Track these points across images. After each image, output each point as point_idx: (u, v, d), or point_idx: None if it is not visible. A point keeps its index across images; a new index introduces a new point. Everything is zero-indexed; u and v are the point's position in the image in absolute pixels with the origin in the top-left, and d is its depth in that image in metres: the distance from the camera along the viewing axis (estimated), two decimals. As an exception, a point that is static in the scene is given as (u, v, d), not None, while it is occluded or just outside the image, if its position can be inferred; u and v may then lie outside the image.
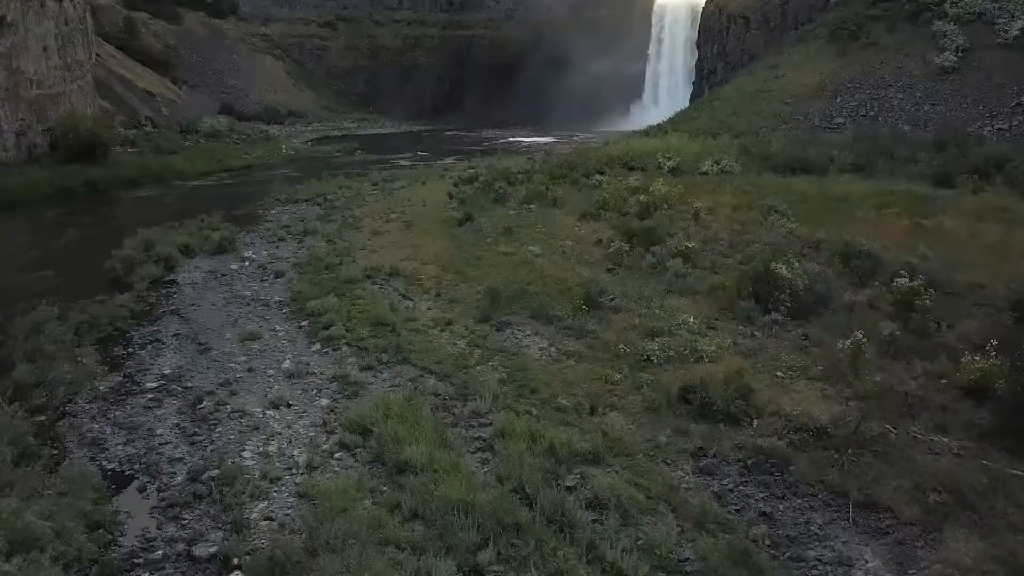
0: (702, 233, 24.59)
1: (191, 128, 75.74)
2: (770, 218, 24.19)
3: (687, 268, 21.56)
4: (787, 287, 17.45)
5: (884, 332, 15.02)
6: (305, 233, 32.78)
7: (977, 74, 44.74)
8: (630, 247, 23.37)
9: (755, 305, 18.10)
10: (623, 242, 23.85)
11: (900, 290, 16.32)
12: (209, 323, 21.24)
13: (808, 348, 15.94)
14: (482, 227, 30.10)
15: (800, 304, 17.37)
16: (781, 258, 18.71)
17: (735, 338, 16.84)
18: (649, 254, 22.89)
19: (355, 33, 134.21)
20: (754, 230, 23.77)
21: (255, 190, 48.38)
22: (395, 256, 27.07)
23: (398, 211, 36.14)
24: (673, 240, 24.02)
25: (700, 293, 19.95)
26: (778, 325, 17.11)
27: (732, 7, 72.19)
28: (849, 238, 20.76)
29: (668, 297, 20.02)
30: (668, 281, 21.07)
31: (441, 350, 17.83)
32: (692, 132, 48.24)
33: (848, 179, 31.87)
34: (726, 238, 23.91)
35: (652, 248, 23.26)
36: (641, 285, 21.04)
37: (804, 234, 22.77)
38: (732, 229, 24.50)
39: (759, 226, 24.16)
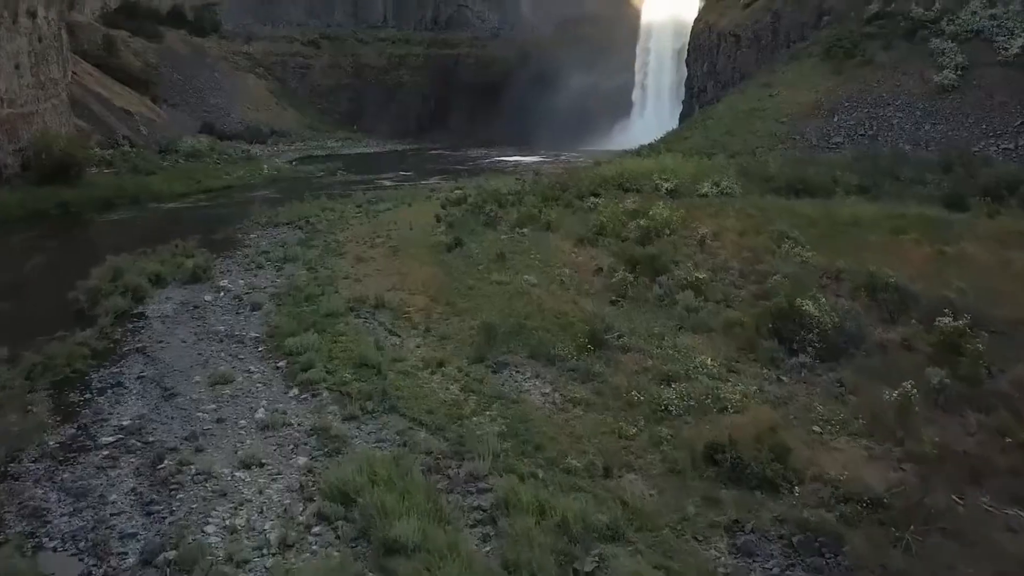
0: (709, 261, 23.02)
1: (170, 148, 73.83)
2: (783, 246, 22.57)
3: (699, 301, 19.91)
4: (815, 326, 15.83)
5: (932, 380, 13.41)
6: (285, 260, 30.98)
7: (978, 92, 43.58)
8: (634, 277, 21.69)
9: (779, 345, 16.51)
10: (626, 271, 22.20)
11: (944, 330, 14.74)
12: (177, 363, 19.40)
13: (844, 397, 14.33)
14: (473, 253, 28.43)
15: (829, 345, 15.79)
16: (806, 293, 17.08)
17: (760, 384, 15.20)
18: (656, 285, 21.28)
19: (339, 51, 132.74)
20: (766, 259, 22.21)
21: (235, 212, 46.51)
22: (381, 285, 25.33)
23: (383, 235, 34.39)
24: (679, 269, 22.45)
25: (715, 330, 18.33)
26: (807, 369, 15.50)
27: (722, 25, 71.13)
28: (874, 269, 19.21)
29: (680, 334, 18.39)
30: (679, 316, 19.44)
31: (432, 396, 16.08)
32: (685, 152, 46.80)
33: (854, 202, 30.48)
34: (736, 267, 22.33)
35: (658, 278, 21.62)
36: (649, 320, 19.40)
37: (821, 263, 21.25)
38: (742, 257, 22.93)
39: (771, 254, 22.62)
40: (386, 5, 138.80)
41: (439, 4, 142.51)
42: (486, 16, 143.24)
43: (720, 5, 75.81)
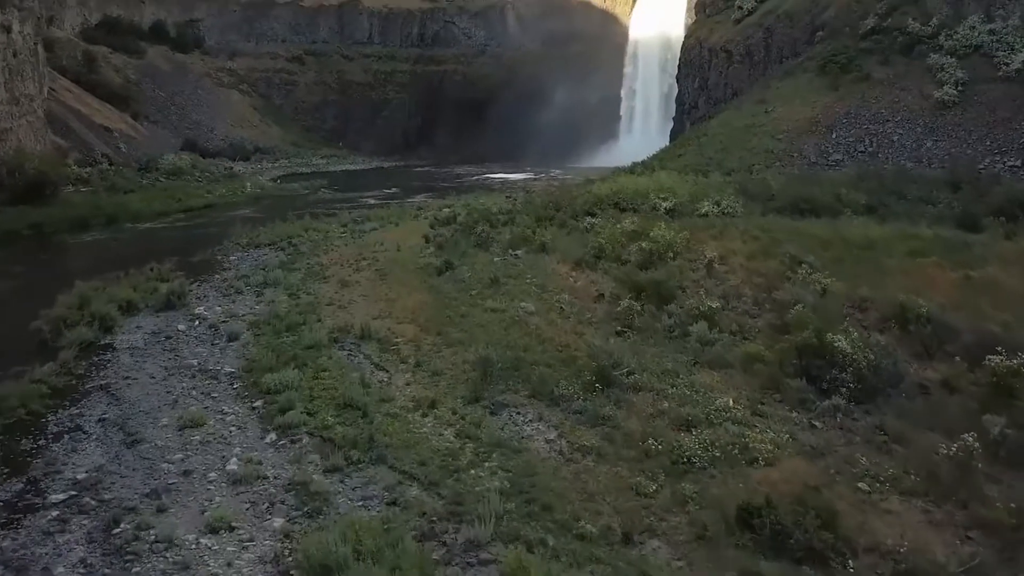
0: (719, 288, 21.54)
1: (150, 165, 72.02)
2: (799, 271, 21.11)
3: (713, 333, 18.37)
4: (848, 364, 14.33)
5: (992, 430, 11.91)
6: (265, 284, 29.31)
7: (980, 108, 42.54)
8: (640, 305, 20.16)
9: (807, 385, 14.96)
10: (631, 299, 20.68)
11: (996, 370, 13.27)
12: (144, 403, 17.71)
13: (889, 447, 12.79)
14: (464, 277, 26.89)
15: (864, 385, 14.31)
16: (835, 326, 15.58)
17: (791, 430, 13.68)
18: (664, 314, 19.74)
19: (324, 68, 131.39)
20: (782, 285, 20.72)
21: (215, 232, 44.79)
22: (367, 313, 23.75)
23: (369, 257, 32.80)
24: (688, 296, 20.96)
25: (733, 366, 16.81)
26: (841, 412, 13.99)
27: (713, 40, 70.16)
28: (904, 298, 17.72)
29: (695, 371, 16.85)
30: (692, 350, 17.91)
31: (424, 444, 14.46)
32: (680, 169, 45.50)
33: (863, 222, 29.13)
34: (749, 294, 20.86)
35: (666, 307, 20.11)
36: (660, 354, 17.89)
37: (841, 291, 19.78)
38: (753, 283, 21.47)
39: (785, 280, 21.14)
40: (372, 21, 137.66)
41: (425, 20, 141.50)
42: (473, 33, 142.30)
43: (711, 21, 74.91)
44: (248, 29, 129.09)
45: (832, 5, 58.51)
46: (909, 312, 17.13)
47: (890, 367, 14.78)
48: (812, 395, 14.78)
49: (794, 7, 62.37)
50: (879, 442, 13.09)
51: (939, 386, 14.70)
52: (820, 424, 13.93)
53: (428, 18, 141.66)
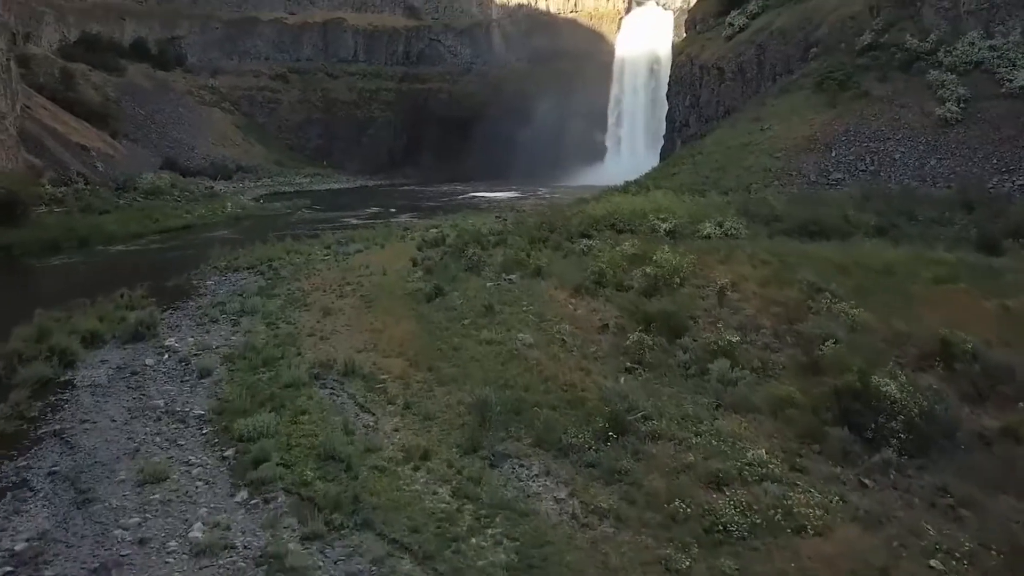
0: (734, 318, 19.87)
1: (128, 185, 70.15)
2: (823, 301, 19.47)
3: (735, 371, 16.66)
4: (898, 411, 12.67)
5: (1083, 495, 10.28)
6: (242, 312, 27.41)
7: (983, 126, 41.32)
8: (651, 338, 18.45)
9: (849, 434, 13.27)
10: (640, 330, 18.98)
11: (1075, 422, 11.66)
12: (101, 452, 15.81)
13: (957, 512, 11.10)
14: (456, 304, 25.13)
15: (916, 435, 12.62)
16: (878, 366, 13.92)
17: (840, 490, 11.94)
18: (678, 349, 18.06)
19: (308, 86, 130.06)
20: (806, 317, 19.05)
21: (192, 255, 42.88)
22: (351, 345, 21.95)
23: (354, 282, 30.97)
24: (699, 327, 19.29)
25: (760, 410, 15.09)
26: (894, 469, 12.29)
27: (704, 58, 69.06)
28: (947, 332, 16.09)
29: (719, 415, 15.13)
30: (713, 390, 16.18)
31: (417, 505, 12.66)
32: (675, 188, 44.04)
33: (876, 244, 27.65)
34: (768, 326, 19.19)
35: (678, 340, 18.42)
36: (677, 395, 16.15)
37: (870, 323, 18.14)
38: (772, 313, 19.81)
39: (806, 309, 19.49)
40: (356, 39, 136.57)
41: (410, 39, 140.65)
42: (458, 51, 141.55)
43: (701, 38, 73.91)
44: (231, 47, 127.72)
45: (825, 22, 57.52)
46: (954, 348, 15.50)
47: (943, 414, 13.14)
48: (857, 447, 13.09)
49: (787, 24, 61.38)
50: (944, 506, 11.40)
51: (1000, 435, 13.07)
52: (871, 482, 12.22)
53: (413, 36, 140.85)
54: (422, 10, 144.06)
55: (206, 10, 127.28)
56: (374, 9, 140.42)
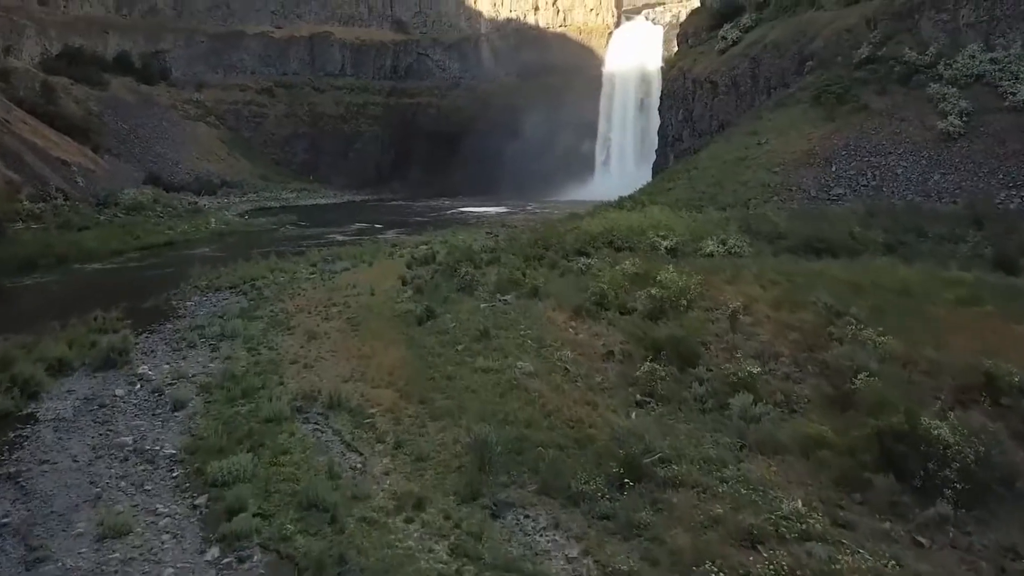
0: (749, 345, 18.52)
1: (109, 200, 68.32)
2: (848, 327, 18.14)
3: (757, 406, 15.25)
4: (952, 457, 11.31)
5: None
6: (222, 336, 25.87)
7: (987, 140, 40.35)
8: (663, 368, 17.06)
9: (895, 483, 11.89)
10: (650, 360, 17.61)
11: None
12: (59, 498, 14.27)
13: (1030, 579, 9.72)
14: (448, 327, 23.75)
15: (973, 484, 11.26)
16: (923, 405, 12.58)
17: (893, 551, 10.51)
18: (693, 380, 16.68)
19: (295, 100, 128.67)
20: (826, 344, 17.72)
21: (173, 273, 41.20)
22: (337, 373, 20.51)
23: (340, 303, 29.54)
24: (712, 355, 17.94)
25: (790, 451, 13.71)
26: (952, 525, 10.91)
27: (697, 71, 68.14)
28: (991, 364, 14.75)
29: (744, 457, 13.73)
30: (735, 428, 14.78)
31: (411, 565, 11.18)
32: (671, 204, 42.88)
33: (887, 263, 26.43)
34: (786, 354, 17.84)
35: (692, 369, 17.05)
36: (695, 433, 14.75)
37: (898, 351, 16.80)
38: (789, 340, 18.47)
39: (827, 335, 18.16)
40: (344, 53, 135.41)
41: (398, 53, 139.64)
42: (447, 65, 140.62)
43: (694, 52, 73.06)
44: (216, 60, 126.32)
45: (820, 35, 56.72)
46: (999, 381, 14.18)
47: (1000, 459, 11.81)
48: (905, 497, 11.72)
49: (781, 37, 60.57)
50: (1015, 572, 10.05)
51: (1064, 483, 11.77)
52: (926, 541, 10.84)
53: (401, 50, 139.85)
54: (410, 24, 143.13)
55: (191, 24, 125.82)
56: (362, 23, 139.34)
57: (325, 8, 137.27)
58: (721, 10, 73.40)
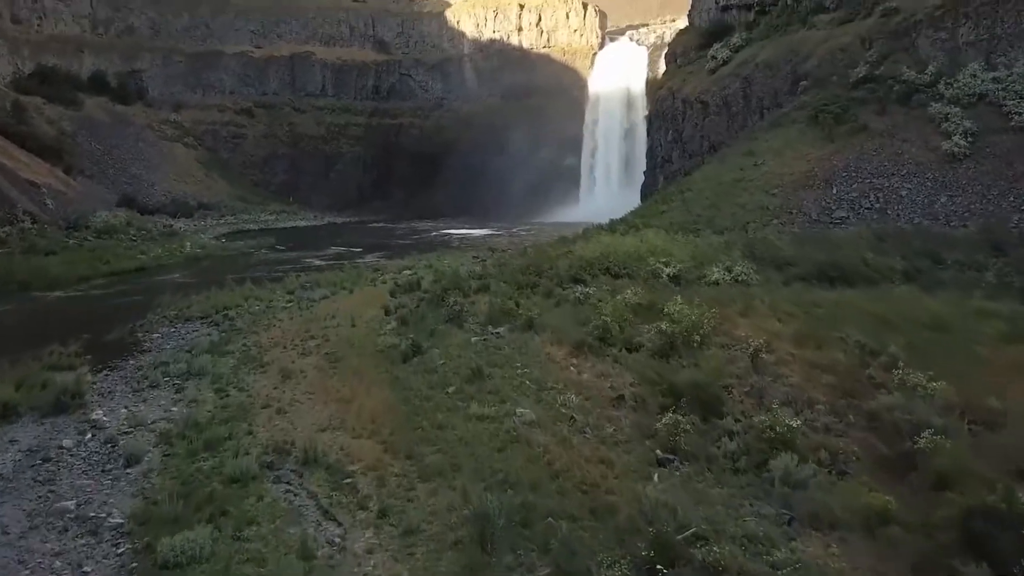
0: (777, 390, 16.53)
1: (80, 223, 65.84)
2: (889, 369, 16.18)
3: (801, 468, 13.17)
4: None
5: None
6: (188, 374, 23.61)
7: (994, 161, 38.88)
8: (686, 418, 14.99)
9: (990, 573, 9.86)
10: (667, 406, 15.55)
11: None
12: (-23, 584, 12.03)
13: None
14: (436, 364, 21.65)
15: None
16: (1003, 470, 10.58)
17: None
18: (720, 432, 14.62)
19: (274, 120, 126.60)
20: (867, 391, 15.75)
21: (142, 301, 38.83)
22: (313, 421, 18.33)
23: (318, 335, 27.42)
24: (735, 399, 15.90)
25: (848, 526, 11.64)
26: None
27: (687, 91, 66.70)
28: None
29: (795, 534, 11.64)
30: (778, 496, 12.69)
31: None
32: (666, 228, 41.07)
33: (907, 293, 24.64)
34: (822, 400, 15.84)
35: (719, 420, 15.00)
36: (732, 501, 12.65)
37: (954, 399, 14.83)
38: (823, 384, 16.50)
39: (865, 378, 16.19)
40: (324, 73, 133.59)
41: (380, 73, 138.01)
42: (429, 86, 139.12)
43: (683, 71, 71.70)
44: (194, 80, 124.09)
45: (814, 54, 55.41)
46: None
47: (1117, 545, 9.86)
48: (1001, 590, 9.73)
49: (772, 57, 59.25)
50: None
51: None
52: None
53: (383, 70, 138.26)
54: (392, 44, 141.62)
55: (168, 43, 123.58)
56: (343, 43, 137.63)
57: (306, 28, 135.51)
58: (710, 29, 72.24)
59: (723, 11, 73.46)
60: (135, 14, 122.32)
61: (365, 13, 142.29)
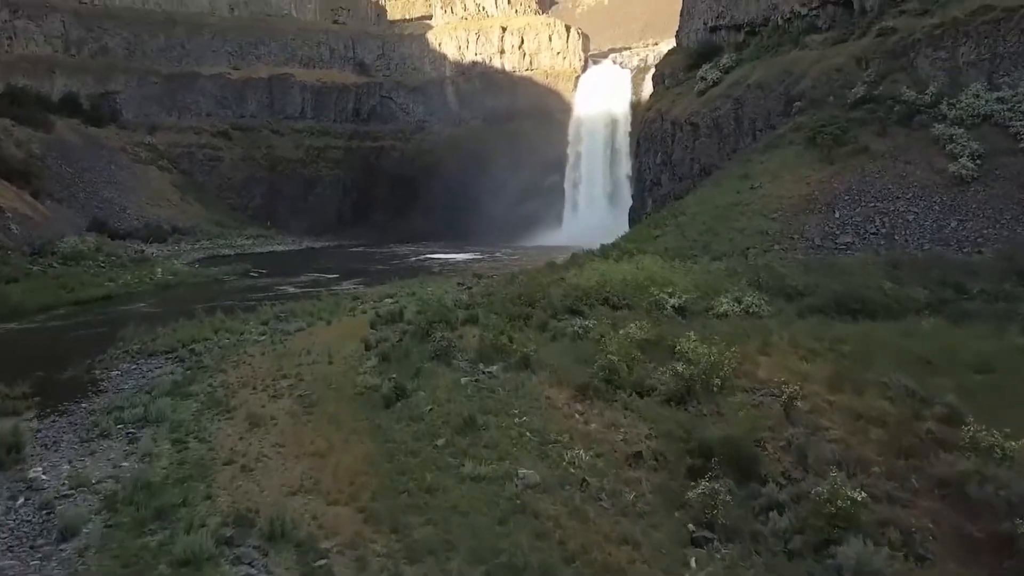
0: (821, 447, 14.29)
1: (46, 249, 62.97)
2: (953, 423, 14.01)
3: (872, 553, 10.92)
4: None
5: None
6: (145, 421, 21.12)
7: (1005, 184, 37.19)
8: (723, 486, 12.71)
9: None
10: (695, 467, 13.29)
11: None
12: None
13: None
14: (423, 411, 19.28)
15: None
16: None
17: None
18: (769, 508, 12.34)
19: (252, 143, 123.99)
20: (925, 446, 13.57)
21: (104, 333, 36.24)
22: (282, 482, 15.91)
23: (292, 374, 24.97)
24: (771, 457, 13.66)
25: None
26: None
27: (676, 113, 64.99)
28: None
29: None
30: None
31: None
32: (661, 253, 39.05)
33: (937, 327, 22.57)
34: (876, 461, 13.63)
35: (757, 486, 12.72)
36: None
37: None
38: (871, 439, 14.32)
39: (921, 432, 14.01)
40: (304, 95, 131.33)
41: (361, 95, 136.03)
42: (411, 108, 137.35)
43: (671, 93, 70.07)
44: (170, 102, 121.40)
45: (808, 75, 53.90)
46: None
47: None
48: None
49: (765, 77, 57.68)
50: None
51: None
52: None
53: (364, 93, 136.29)
54: (373, 67, 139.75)
55: (144, 64, 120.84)
56: (323, 65, 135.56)
57: (285, 50, 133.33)
58: (699, 50, 70.76)
59: (712, 32, 72.05)
60: (109, 34, 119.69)
61: (345, 35, 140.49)
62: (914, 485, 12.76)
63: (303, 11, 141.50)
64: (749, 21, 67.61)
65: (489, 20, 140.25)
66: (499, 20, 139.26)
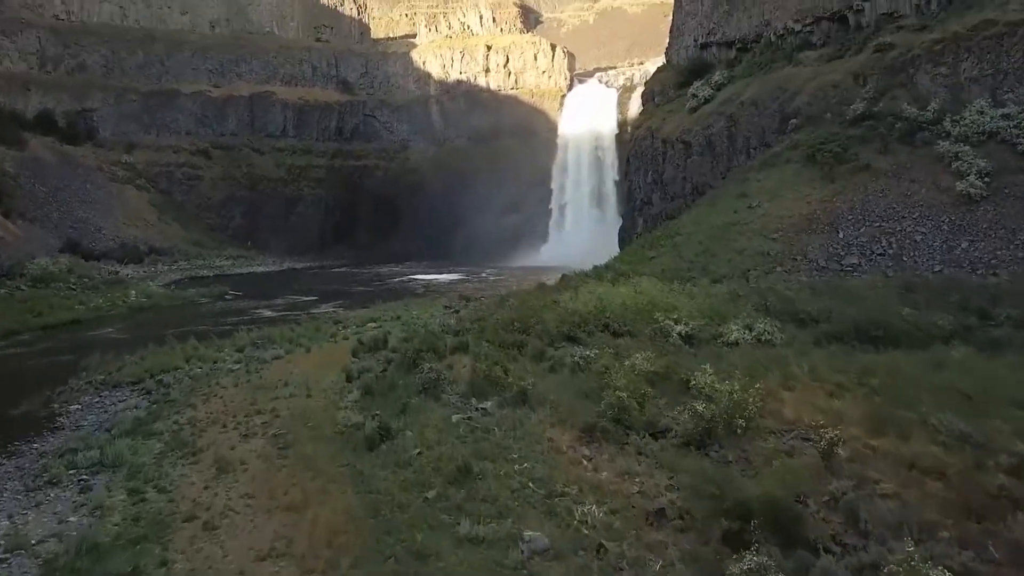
0: (873, 505, 12.37)
1: (15, 271, 60.51)
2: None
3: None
4: None
5: None
6: (101, 464, 19.04)
7: (1016, 203, 35.68)
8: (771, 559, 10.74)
9: None
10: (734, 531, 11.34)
11: None
12: None
13: None
14: (411, 455, 17.26)
15: None
16: None
17: None
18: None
19: (232, 162, 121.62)
20: (998, 505, 11.70)
21: (69, 361, 33.97)
22: (251, 544, 13.84)
23: (267, 409, 22.93)
24: (815, 517, 11.73)
25: None
26: None
27: (667, 131, 63.45)
28: None
29: None
30: None
31: None
32: (658, 275, 37.29)
33: (970, 357, 20.79)
34: (943, 525, 11.67)
35: (811, 556, 10.79)
36: None
37: None
38: (931, 495, 12.38)
39: (988, 487, 12.15)
40: (286, 114, 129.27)
41: (344, 114, 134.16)
42: (395, 127, 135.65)
43: (661, 110, 68.59)
44: (149, 120, 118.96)
45: (804, 91, 52.47)
46: None
47: None
48: None
49: (758, 94, 56.22)
50: None
51: None
52: None
53: (347, 111, 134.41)
54: (356, 85, 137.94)
55: (122, 82, 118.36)
56: (305, 83, 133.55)
57: (267, 67, 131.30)
58: (689, 67, 69.41)
59: (702, 49, 70.76)
60: (87, 51, 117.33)
61: (328, 53, 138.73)
62: (993, 555, 10.90)
63: (285, 28, 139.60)
64: (741, 38, 66.30)
65: (474, 39, 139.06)
66: (484, 39, 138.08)
